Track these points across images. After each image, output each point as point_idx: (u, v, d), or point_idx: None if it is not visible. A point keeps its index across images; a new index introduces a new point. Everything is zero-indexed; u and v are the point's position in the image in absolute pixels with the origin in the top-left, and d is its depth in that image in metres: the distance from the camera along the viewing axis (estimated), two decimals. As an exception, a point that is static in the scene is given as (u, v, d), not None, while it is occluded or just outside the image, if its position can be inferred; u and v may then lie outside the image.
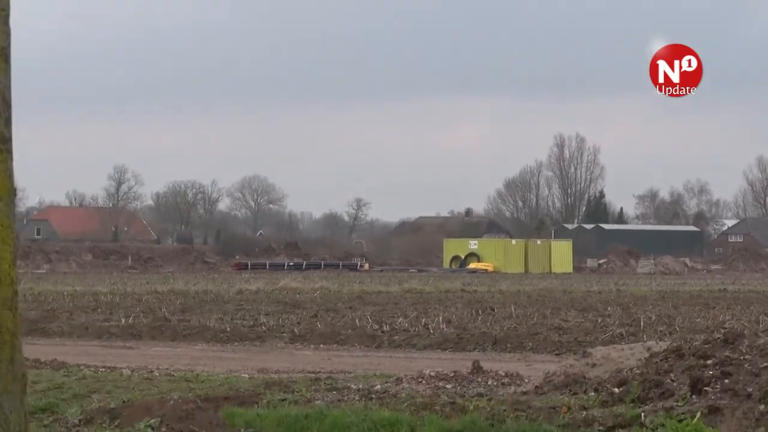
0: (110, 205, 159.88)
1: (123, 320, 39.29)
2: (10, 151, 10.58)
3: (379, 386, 19.94)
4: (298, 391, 18.86)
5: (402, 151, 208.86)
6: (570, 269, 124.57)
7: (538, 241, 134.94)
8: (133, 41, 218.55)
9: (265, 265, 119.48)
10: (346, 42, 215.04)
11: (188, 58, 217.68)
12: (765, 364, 15.97)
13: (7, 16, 10.63)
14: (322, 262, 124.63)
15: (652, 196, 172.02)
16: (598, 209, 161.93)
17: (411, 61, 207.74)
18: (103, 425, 15.89)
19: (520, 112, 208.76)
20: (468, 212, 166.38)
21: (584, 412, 15.81)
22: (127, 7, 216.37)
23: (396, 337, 34.46)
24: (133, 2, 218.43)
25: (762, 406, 14.83)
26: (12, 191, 10.68)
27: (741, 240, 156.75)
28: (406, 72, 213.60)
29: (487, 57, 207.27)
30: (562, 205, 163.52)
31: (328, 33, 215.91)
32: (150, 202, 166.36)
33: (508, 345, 32.30)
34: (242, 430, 16.04)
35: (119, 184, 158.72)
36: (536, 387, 18.66)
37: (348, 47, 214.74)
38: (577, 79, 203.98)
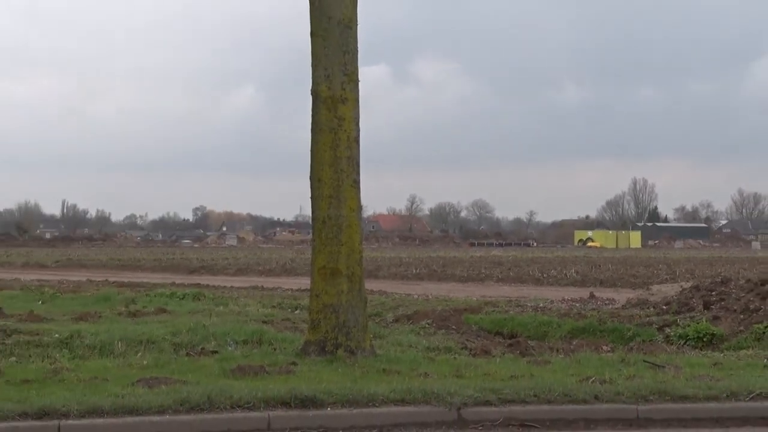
0: (408, 214, 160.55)
1: (414, 270, 39.55)
2: (359, 188, 10.83)
3: (541, 304, 19.73)
4: (500, 306, 18.74)
5: (554, 186, 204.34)
6: (639, 246, 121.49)
7: (623, 232, 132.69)
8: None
9: (484, 244, 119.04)
10: (528, 139, 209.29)
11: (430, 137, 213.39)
12: (743, 295, 15.56)
13: (358, 119, 10.85)
14: (513, 243, 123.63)
15: (682, 208, 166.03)
16: (654, 215, 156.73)
17: (539, 139, 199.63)
18: (404, 323, 16.00)
19: (613, 166, 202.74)
20: (587, 217, 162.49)
21: (647, 318, 15.51)
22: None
23: (550, 279, 34.00)
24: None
25: (741, 316, 14.47)
26: (359, 207, 10.93)
27: (729, 231, 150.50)
28: (542, 144, 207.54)
29: (593, 136, 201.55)
30: (635, 213, 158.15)
31: (516, 132, 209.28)
32: (427, 212, 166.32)
33: (608, 284, 31.62)
34: (473, 326, 15.96)
35: (412, 203, 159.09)
36: (622, 305, 18.32)
37: (524, 144, 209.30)
38: (643, 147, 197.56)
